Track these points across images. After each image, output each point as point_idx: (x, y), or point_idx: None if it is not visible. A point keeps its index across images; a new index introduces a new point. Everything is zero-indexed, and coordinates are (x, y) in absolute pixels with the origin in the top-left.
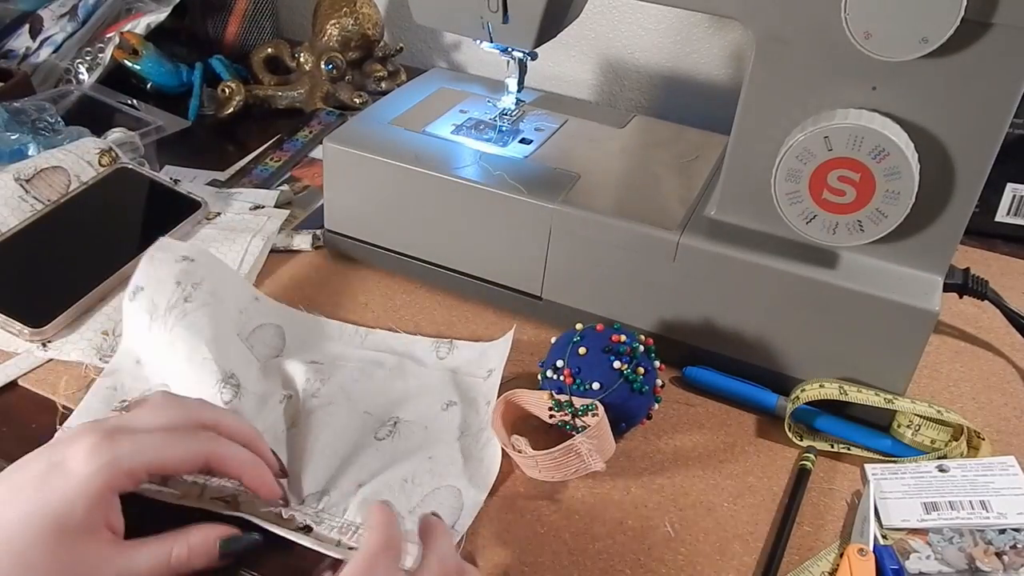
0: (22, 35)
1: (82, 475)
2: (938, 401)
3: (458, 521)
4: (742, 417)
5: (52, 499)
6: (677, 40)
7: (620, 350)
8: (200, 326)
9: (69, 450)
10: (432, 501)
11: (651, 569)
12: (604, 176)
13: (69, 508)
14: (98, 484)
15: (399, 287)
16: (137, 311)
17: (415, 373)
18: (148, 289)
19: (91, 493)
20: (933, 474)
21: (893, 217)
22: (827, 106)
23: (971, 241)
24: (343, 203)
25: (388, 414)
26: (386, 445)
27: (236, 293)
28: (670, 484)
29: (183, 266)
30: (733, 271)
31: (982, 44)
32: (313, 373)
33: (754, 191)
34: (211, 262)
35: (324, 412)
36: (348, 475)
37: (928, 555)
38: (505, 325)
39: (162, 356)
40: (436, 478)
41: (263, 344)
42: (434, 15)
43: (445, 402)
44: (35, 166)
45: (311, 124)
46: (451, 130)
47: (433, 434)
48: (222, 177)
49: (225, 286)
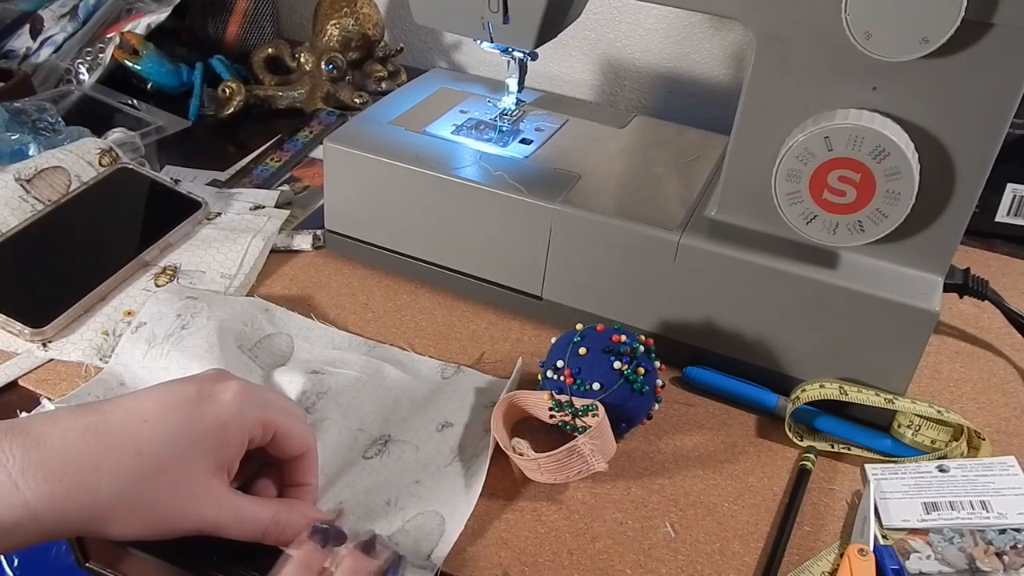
0: (23, 35)
1: (234, 408)
2: (938, 401)
3: (435, 550)
4: (742, 417)
5: (205, 420)
6: (677, 40)
7: (620, 350)
8: (194, 347)
9: (218, 386)
10: (413, 526)
11: (651, 569)
12: (604, 176)
13: (220, 431)
14: (250, 419)
15: (399, 287)
16: (137, 340)
17: (416, 390)
18: (150, 323)
19: (243, 425)
20: (933, 474)
21: (893, 217)
22: (827, 106)
23: (971, 241)
24: (343, 203)
25: (381, 431)
26: (374, 464)
27: (241, 310)
28: (670, 484)
29: (186, 303)
30: (733, 271)
31: (982, 44)
32: (311, 386)
33: (754, 191)
34: (213, 297)
35: (316, 429)
36: (331, 493)
37: (928, 555)
38: (505, 325)
39: (157, 379)
40: (421, 503)
41: (268, 353)
42: (434, 15)
43: (441, 423)
44: (35, 166)
45: (311, 124)
46: (451, 130)
47: (425, 456)
48: (222, 177)
49: (226, 308)
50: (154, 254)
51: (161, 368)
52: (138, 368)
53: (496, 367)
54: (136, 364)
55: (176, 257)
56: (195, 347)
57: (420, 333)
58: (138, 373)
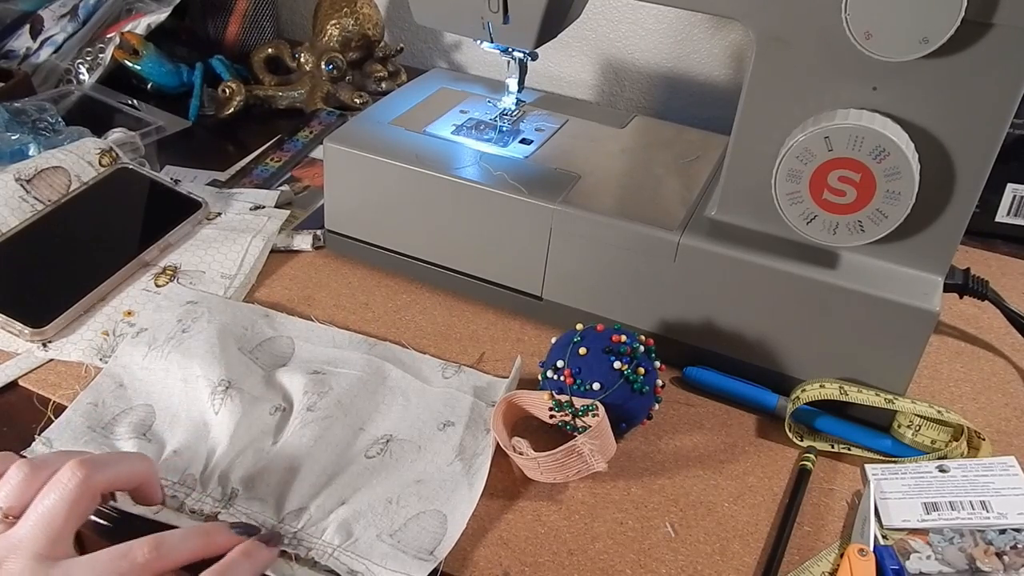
0: (23, 35)
1: None
2: (938, 401)
3: (438, 547)
4: (742, 417)
5: None
6: (677, 40)
7: (620, 350)
8: (195, 349)
9: None
10: (415, 525)
11: (651, 569)
12: (604, 176)
13: None
14: None
15: (399, 287)
16: (137, 344)
17: (417, 390)
18: (151, 329)
19: None
20: (933, 474)
21: (893, 217)
22: (827, 106)
23: (971, 241)
24: (343, 203)
25: (382, 431)
26: (375, 463)
27: (241, 315)
28: (670, 484)
29: (187, 308)
30: (733, 271)
31: (982, 44)
32: (313, 386)
33: (754, 191)
34: (214, 301)
35: (318, 427)
36: (332, 492)
37: (928, 555)
38: (505, 325)
39: (157, 380)
40: (423, 501)
41: (269, 355)
42: (434, 15)
43: (443, 422)
44: (35, 166)
45: (311, 124)
46: (451, 130)
47: (426, 455)
48: (222, 177)
49: (227, 312)
50: (154, 254)
51: (161, 369)
52: (137, 369)
53: (496, 367)
54: (136, 366)
55: (176, 257)
56: (196, 348)
57: (420, 333)
58: (137, 375)
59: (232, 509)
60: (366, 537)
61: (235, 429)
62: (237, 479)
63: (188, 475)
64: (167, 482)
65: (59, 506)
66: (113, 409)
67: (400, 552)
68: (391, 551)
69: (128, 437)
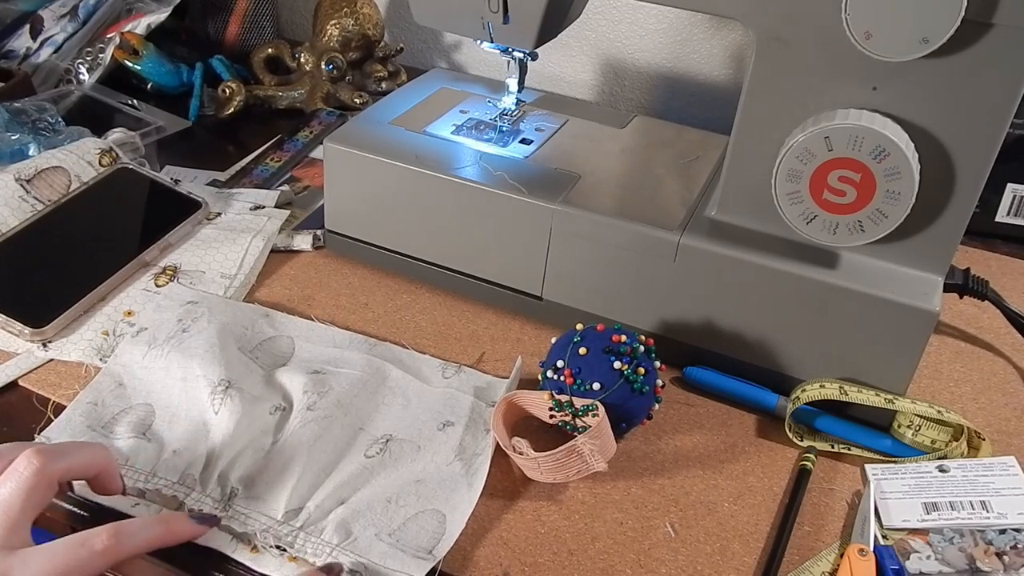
0: (23, 35)
1: None
2: (938, 401)
3: (437, 546)
4: (742, 417)
5: None
6: (677, 40)
7: (620, 350)
8: (195, 348)
9: None
10: (414, 524)
11: (651, 569)
12: (604, 176)
13: None
14: None
15: (399, 287)
16: (137, 343)
17: (417, 390)
18: (151, 328)
19: None
20: (933, 474)
21: (893, 217)
22: (827, 106)
23: (971, 241)
24: (343, 203)
25: (382, 431)
26: (375, 463)
27: (242, 314)
28: (670, 484)
29: (187, 308)
30: (733, 271)
31: (982, 44)
32: (313, 385)
33: (754, 191)
34: (214, 301)
35: (317, 427)
36: (331, 492)
37: (928, 555)
38: (505, 325)
39: (157, 380)
40: (422, 501)
41: (269, 354)
42: (434, 15)
43: (442, 422)
44: (35, 166)
45: (311, 124)
46: (451, 130)
47: (426, 455)
48: (222, 177)
49: (227, 312)
50: (154, 254)
51: (161, 369)
52: (137, 369)
53: (496, 367)
54: (135, 365)
55: (176, 257)
56: (195, 348)
57: (420, 333)
58: (137, 374)
59: (232, 509)
60: (365, 536)
61: (235, 429)
62: (237, 478)
63: (188, 475)
64: (167, 482)
65: (15, 495)
66: (113, 408)
67: (399, 551)
68: (390, 550)
69: (128, 436)
